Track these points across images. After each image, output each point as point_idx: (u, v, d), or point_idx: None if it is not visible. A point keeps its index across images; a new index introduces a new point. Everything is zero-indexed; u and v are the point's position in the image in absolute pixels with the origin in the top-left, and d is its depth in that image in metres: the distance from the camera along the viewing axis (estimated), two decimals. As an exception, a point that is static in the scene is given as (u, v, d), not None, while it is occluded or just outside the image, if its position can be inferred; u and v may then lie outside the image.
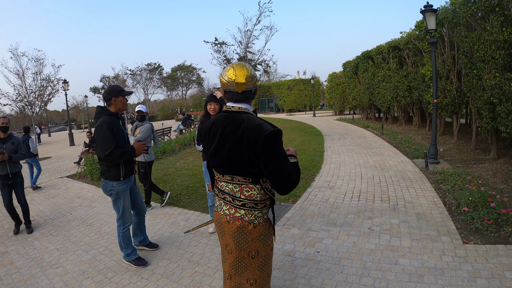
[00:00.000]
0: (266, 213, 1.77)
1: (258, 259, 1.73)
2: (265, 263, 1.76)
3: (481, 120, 6.63)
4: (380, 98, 13.91)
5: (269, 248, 1.77)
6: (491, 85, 5.81)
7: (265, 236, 1.73)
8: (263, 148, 1.56)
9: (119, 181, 3.08)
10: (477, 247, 3.06)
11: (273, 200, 1.77)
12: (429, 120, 11.19)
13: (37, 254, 3.86)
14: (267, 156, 1.57)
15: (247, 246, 1.69)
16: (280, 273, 2.81)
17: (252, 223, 1.68)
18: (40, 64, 13.75)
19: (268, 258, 1.78)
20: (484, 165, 6.17)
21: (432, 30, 5.96)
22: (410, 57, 10.94)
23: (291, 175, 1.61)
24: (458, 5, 6.85)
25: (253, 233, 1.69)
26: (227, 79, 1.67)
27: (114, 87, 3.15)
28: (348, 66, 18.43)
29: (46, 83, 14.12)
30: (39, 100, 13.88)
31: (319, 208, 4.39)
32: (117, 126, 3.04)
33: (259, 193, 1.68)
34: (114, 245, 3.86)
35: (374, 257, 2.98)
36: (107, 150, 2.88)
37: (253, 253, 1.71)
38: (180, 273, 3.05)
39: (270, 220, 1.81)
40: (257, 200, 1.68)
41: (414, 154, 7.42)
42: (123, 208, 3.18)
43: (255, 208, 1.68)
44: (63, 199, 6.29)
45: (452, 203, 4.29)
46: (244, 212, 1.68)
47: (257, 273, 1.75)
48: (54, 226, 4.80)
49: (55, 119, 66.53)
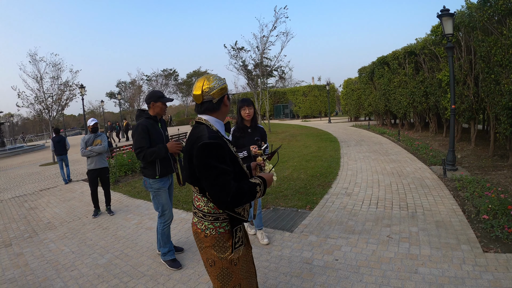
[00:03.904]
0: (224, 227, 1.73)
1: (216, 269, 1.73)
2: (225, 276, 1.74)
3: (499, 126, 6.55)
4: (396, 104, 13.80)
5: (227, 261, 1.72)
6: (509, 89, 5.76)
7: (220, 248, 1.71)
8: (195, 158, 1.60)
9: (155, 179, 3.28)
10: (497, 255, 3.04)
11: (234, 217, 1.73)
12: (446, 126, 11.04)
13: (52, 256, 3.92)
14: (198, 167, 1.60)
15: (204, 251, 1.76)
16: (298, 280, 2.86)
17: (204, 232, 1.73)
18: (58, 69, 14.21)
19: (229, 271, 1.74)
20: (503, 172, 6.09)
21: (449, 34, 5.97)
22: (426, 62, 10.86)
23: (223, 192, 1.54)
24: (474, 9, 6.83)
25: (205, 242, 1.73)
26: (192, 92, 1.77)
27: (155, 92, 3.39)
28: (363, 72, 18.37)
29: (64, 87, 14.56)
30: (57, 104, 14.35)
31: (336, 215, 4.46)
32: (153, 128, 3.29)
33: (206, 205, 1.72)
34: (130, 249, 3.93)
35: (394, 265, 3.00)
36: (137, 148, 3.19)
37: (210, 261, 1.74)
38: (196, 279, 3.08)
39: (231, 235, 1.74)
40: (205, 212, 1.72)
41: (431, 161, 7.37)
42: (162, 205, 3.36)
43: (204, 219, 1.73)
44: (79, 202, 6.45)
45: (471, 210, 4.27)
46: (196, 220, 1.79)
47: (217, 283, 1.76)
48: (69, 229, 4.90)
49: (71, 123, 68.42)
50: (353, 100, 23.18)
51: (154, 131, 3.30)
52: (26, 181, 9.87)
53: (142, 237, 4.29)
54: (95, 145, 5.43)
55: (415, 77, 12.01)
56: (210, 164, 1.56)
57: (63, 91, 14.33)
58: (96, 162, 5.47)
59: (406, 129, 14.77)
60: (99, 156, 5.49)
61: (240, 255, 1.77)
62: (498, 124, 6.64)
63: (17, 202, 7.07)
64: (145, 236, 4.33)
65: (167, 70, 47.87)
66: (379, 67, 15.08)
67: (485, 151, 8.00)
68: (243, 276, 1.81)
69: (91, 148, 5.35)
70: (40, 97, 13.70)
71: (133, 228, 4.68)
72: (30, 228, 5.11)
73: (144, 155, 3.17)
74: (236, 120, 3.63)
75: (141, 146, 3.18)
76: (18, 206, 6.69)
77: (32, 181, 9.66)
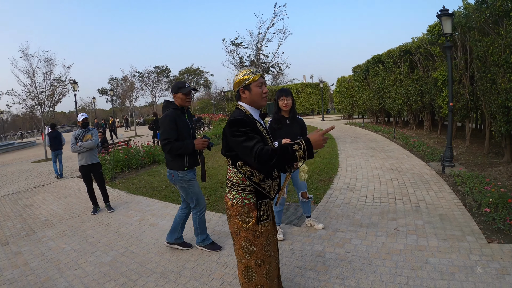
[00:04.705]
0: (250, 199, 1.90)
1: (240, 238, 1.91)
2: (248, 247, 1.90)
3: (495, 124, 6.71)
4: (390, 102, 13.99)
5: (250, 232, 1.88)
6: (505, 88, 5.91)
7: (244, 218, 1.89)
8: (226, 132, 1.84)
9: (184, 170, 3.28)
10: (502, 246, 3.15)
11: (260, 192, 1.90)
12: (440, 124, 11.26)
13: (52, 255, 3.76)
14: (229, 139, 1.82)
15: (231, 221, 1.96)
16: (314, 273, 2.88)
17: (231, 201, 1.93)
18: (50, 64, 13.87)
19: (252, 243, 1.89)
20: (499, 168, 6.25)
21: (448, 34, 6.08)
22: (422, 61, 11.04)
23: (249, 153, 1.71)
24: (471, 10, 6.96)
25: (232, 211, 1.93)
26: None
27: (176, 83, 3.36)
28: (358, 70, 18.57)
29: (57, 83, 14.25)
30: (49, 99, 14.03)
31: (342, 209, 4.51)
32: (180, 118, 3.28)
33: (236, 176, 1.92)
34: (135, 246, 3.83)
35: (405, 256, 3.06)
36: (164, 139, 3.18)
37: (236, 230, 1.93)
38: (209, 275, 3.02)
39: (255, 209, 1.91)
40: (234, 182, 1.93)
41: (429, 157, 7.51)
42: (195, 194, 3.37)
43: (233, 189, 1.93)
44: (76, 199, 6.31)
45: (472, 204, 4.38)
46: (227, 190, 2.00)
47: (241, 252, 1.92)
48: (69, 226, 4.75)
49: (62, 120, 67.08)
50: (347, 98, 23.39)
51: (181, 122, 3.29)
52: (19, 178, 9.66)
53: (147, 234, 4.21)
54: (85, 141, 5.29)
55: (410, 76, 12.20)
56: (236, 133, 1.77)
57: (56, 87, 14.02)
58: (87, 158, 5.32)
59: (400, 127, 15.00)
60: (89, 151, 5.33)
61: (264, 230, 1.92)
62: (494, 122, 6.80)
63: (11, 199, 6.90)
64: (150, 232, 4.25)
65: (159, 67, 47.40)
66: (374, 65, 15.26)
67: (480, 148, 8.19)
68: (267, 253, 1.93)
69: (81, 144, 5.20)
70: (32, 93, 13.38)
71: (135, 225, 4.58)
72: (26, 226, 4.95)
73: (171, 148, 3.16)
74: (274, 110, 3.55)
75: (168, 138, 3.16)
76: (12, 203, 6.53)
77: (25, 178, 9.46)
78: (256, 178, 1.88)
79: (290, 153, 1.64)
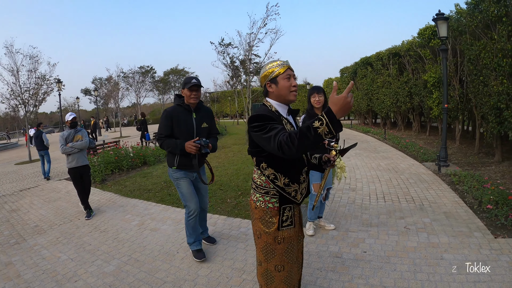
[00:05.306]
0: (273, 202, 1.81)
1: (261, 241, 1.85)
2: (268, 251, 1.82)
3: (487, 125, 6.93)
4: (379, 104, 14.25)
5: (271, 237, 1.80)
6: (498, 91, 6.10)
7: (267, 222, 1.82)
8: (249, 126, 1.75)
9: (174, 168, 3.18)
10: (508, 240, 3.29)
11: (284, 196, 1.80)
12: (429, 125, 11.55)
13: (48, 265, 3.42)
14: (252, 134, 1.75)
15: (253, 224, 1.90)
16: (335, 275, 2.84)
17: (255, 203, 1.87)
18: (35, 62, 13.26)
19: (272, 248, 1.81)
20: (491, 168, 6.45)
21: (443, 37, 6.24)
22: (411, 64, 11.30)
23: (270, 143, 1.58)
24: (464, 15, 7.17)
25: (255, 213, 1.87)
26: None
27: (185, 79, 3.18)
28: (345, 72, 18.84)
29: (42, 81, 13.67)
30: (33, 99, 13.43)
31: (348, 209, 4.51)
32: (182, 116, 3.11)
33: (259, 178, 1.85)
34: (139, 253, 3.55)
35: (420, 254, 3.11)
36: (157, 135, 3.14)
37: (258, 233, 1.87)
38: (226, 282, 2.84)
39: (278, 214, 1.82)
40: (257, 184, 1.86)
41: (422, 157, 7.67)
42: (183, 195, 3.22)
43: (257, 191, 1.86)
44: (66, 203, 5.96)
45: (473, 202, 4.50)
46: (252, 191, 1.93)
47: (261, 255, 1.86)
48: (62, 232, 4.39)
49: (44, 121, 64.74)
50: (333, 100, 23.66)
51: (182, 119, 3.11)
52: (2, 180, 9.16)
53: (149, 240, 3.96)
54: (76, 141, 5.03)
55: (399, 78, 12.45)
56: (255, 128, 1.69)
57: (40, 85, 13.45)
58: (78, 159, 5.06)
59: (389, 128, 15.30)
60: (80, 153, 5.09)
61: (286, 236, 1.82)
62: (485, 123, 7.02)
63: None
64: (152, 238, 4.01)
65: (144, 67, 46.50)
66: (362, 67, 15.51)
67: (470, 148, 8.44)
68: (288, 259, 1.84)
69: (72, 145, 4.94)
70: (16, 91, 12.78)
71: (135, 230, 4.32)
72: (15, 233, 4.58)
73: (162, 144, 3.11)
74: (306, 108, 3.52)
75: (160, 133, 3.11)
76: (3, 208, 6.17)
77: (9, 181, 8.98)
78: (280, 182, 1.79)
79: (312, 132, 1.40)
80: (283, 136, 1.51)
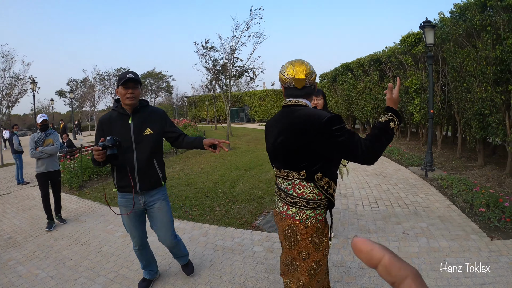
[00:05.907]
0: (322, 214, 1.68)
1: (309, 262, 1.66)
2: (316, 268, 1.68)
3: (469, 130, 7.12)
4: (359, 109, 14.47)
5: (322, 253, 1.68)
6: (482, 97, 6.28)
7: (318, 238, 1.66)
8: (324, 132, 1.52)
9: (114, 190, 2.59)
10: (504, 242, 3.35)
11: (331, 201, 1.69)
12: (410, 131, 11.83)
13: (25, 284, 3.03)
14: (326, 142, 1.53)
15: (298, 246, 1.67)
16: (343, 285, 2.71)
17: (304, 222, 1.64)
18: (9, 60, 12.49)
19: (321, 263, 1.69)
20: (475, 171, 6.61)
21: (430, 44, 6.37)
22: (392, 70, 11.55)
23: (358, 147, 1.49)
24: (448, 23, 7.37)
25: (304, 234, 1.65)
26: (287, 75, 1.70)
27: (119, 75, 2.46)
28: (325, 78, 19.04)
29: (15, 81, 12.86)
30: (6, 99, 12.61)
31: (343, 216, 4.41)
32: (117, 122, 2.45)
33: (312, 191, 1.63)
34: (127, 269, 3.24)
35: (423, 258, 3.08)
36: None
37: (304, 254, 1.66)
38: None
39: (326, 223, 1.72)
40: (309, 199, 1.63)
41: (407, 162, 7.77)
42: (124, 225, 2.63)
43: (307, 207, 1.64)
44: (41, 212, 5.33)
45: (464, 205, 4.55)
46: (295, 210, 1.66)
47: (306, 277, 1.67)
48: (38, 246, 4.00)
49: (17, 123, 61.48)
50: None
51: (117, 126, 2.43)
52: (-34, 187, 8.43)
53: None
54: (46, 145, 4.70)
55: (380, 84, 12.70)
56: (337, 132, 1.52)
57: (14, 85, 12.63)
58: (47, 164, 4.71)
59: (369, 133, 15.57)
60: (50, 157, 4.74)
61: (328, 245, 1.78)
62: (468, 129, 7.21)
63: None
64: None
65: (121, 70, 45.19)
66: (343, 73, 15.73)
67: (452, 153, 8.67)
68: (325, 270, 1.79)
69: (41, 149, 4.60)
70: None
71: (120, 243, 3.96)
72: None
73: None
74: None
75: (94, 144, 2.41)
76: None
77: (-25, 188, 8.27)
78: (332, 189, 1.66)
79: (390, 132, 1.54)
80: (365, 141, 1.50)
